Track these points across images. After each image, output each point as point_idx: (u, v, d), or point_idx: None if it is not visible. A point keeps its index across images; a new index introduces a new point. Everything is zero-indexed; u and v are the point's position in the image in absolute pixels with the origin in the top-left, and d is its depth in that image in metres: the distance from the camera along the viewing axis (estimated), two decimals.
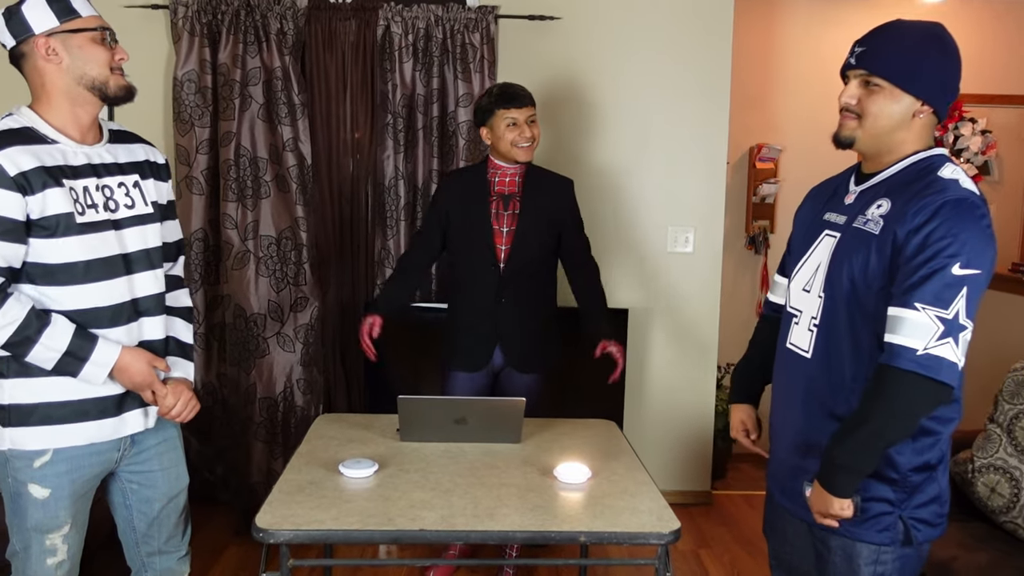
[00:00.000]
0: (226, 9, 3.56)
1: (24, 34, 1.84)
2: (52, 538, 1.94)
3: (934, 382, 1.56)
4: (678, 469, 4.07)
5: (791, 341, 1.85)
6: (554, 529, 1.89)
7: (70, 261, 1.85)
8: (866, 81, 1.73)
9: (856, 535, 1.73)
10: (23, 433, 1.88)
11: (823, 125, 4.76)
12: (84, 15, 1.88)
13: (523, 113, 2.90)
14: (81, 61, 1.87)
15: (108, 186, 1.94)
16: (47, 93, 1.89)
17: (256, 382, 3.68)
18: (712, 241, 3.96)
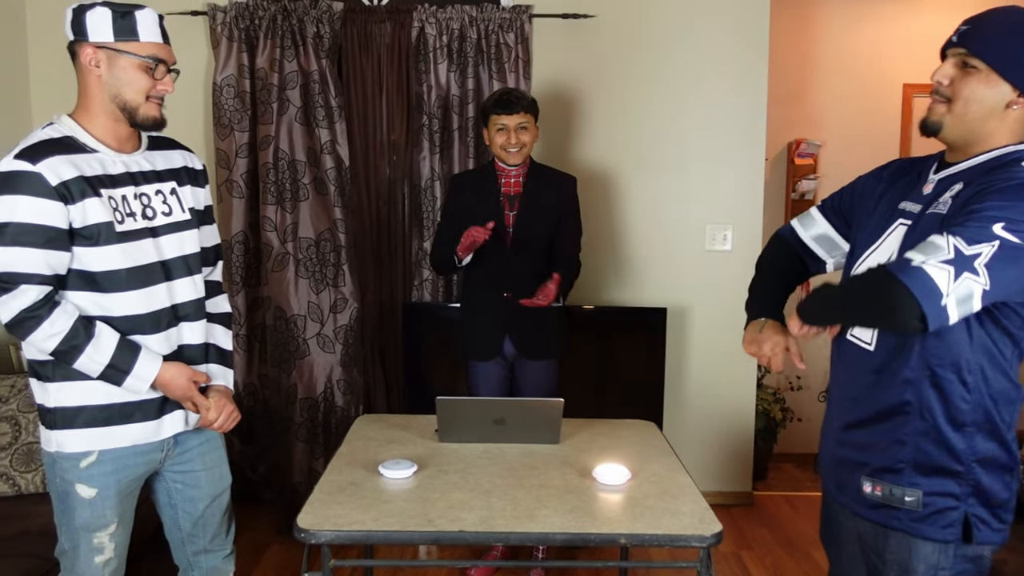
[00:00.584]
0: (263, 14, 3.59)
1: (79, 36, 1.88)
2: (99, 536, 1.97)
3: (907, 292, 1.44)
4: (718, 469, 4.04)
5: (852, 333, 1.77)
6: (594, 531, 1.88)
7: (111, 269, 1.88)
8: (964, 62, 1.60)
9: (918, 531, 1.66)
10: (69, 435, 1.92)
11: (864, 119, 4.76)
12: (142, 40, 1.88)
13: (513, 119, 2.99)
14: (119, 81, 1.89)
15: (146, 194, 1.96)
16: (88, 100, 1.92)
17: (297, 383, 3.72)
18: (751, 238, 3.91)
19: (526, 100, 3.03)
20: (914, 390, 1.65)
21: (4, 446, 2.73)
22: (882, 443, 1.69)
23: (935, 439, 1.63)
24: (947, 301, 1.44)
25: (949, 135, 1.64)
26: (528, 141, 3.04)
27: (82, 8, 1.87)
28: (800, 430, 4.68)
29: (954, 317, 1.47)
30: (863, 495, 1.72)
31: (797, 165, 4.73)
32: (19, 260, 1.79)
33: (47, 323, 1.80)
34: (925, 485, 1.64)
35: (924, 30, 4.63)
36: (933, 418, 1.62)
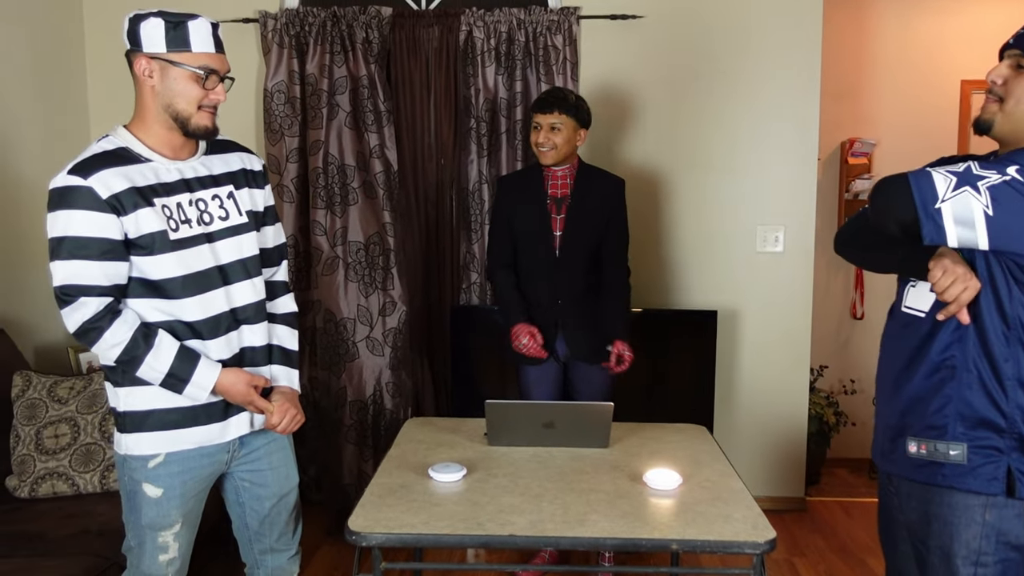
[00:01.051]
0: (313, 21, 3.63)
1: (134, 46, 1.91)
2: (164, 536, 2.01)
3: (906, 186, 1.57)
4: (770, 474, 3.97)
5: (907, 304, 1.81)
6: (645, 536, 1.86)
7: (168, 276, 1.91)
8: (1018, 63, 1.67)
9: (963, 484, 1.69)
10: (137, 439, 1.96)
11: (920, 116, 4.65)
12: (194, 51, 1.90)
13: (545, 118, 2.97)
14: (172, 92, 1.91)
15: (202, 199, 1.99)
16: (143, 110, 1.95)
17: (346, 385, 3.75)
18: (803, 240, 3.85)
19: (564, 101, 2.98)
20: (960, 346, 1.69)
21: (64, 447, 2.79)
22: (928, 401, 1.73)
23: (980, 392, 1.67)
24: (942, 206, 1.54)
25: (1000, 132, 1.70)
26: (560, 142, 2.98)
27: (137, 18, 1.90)
28: (854, 434, 4.59)
29: (950, 223, 1.55)
30: (909, 456, 1.75)
31: (851, 164, 4.64)
32: (77, 273, 1.83)
33: (108, 333, 1.83)
34: (969, 438, 1.68)
35: (983, 24, 4.51)
36: (978, 371, 1.67)
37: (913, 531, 1.80)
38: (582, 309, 3.08)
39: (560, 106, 2.96)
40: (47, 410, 2.83)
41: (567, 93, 3.03)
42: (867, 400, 4.59)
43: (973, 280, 1.63)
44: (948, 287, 1.63)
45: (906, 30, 4.60)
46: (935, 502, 1.73)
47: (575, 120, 3.00)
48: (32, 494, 2.75)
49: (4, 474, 2.79)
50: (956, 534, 1.70)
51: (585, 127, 3.05)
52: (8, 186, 3.31)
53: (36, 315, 3.46)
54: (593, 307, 3.10)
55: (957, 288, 1.63)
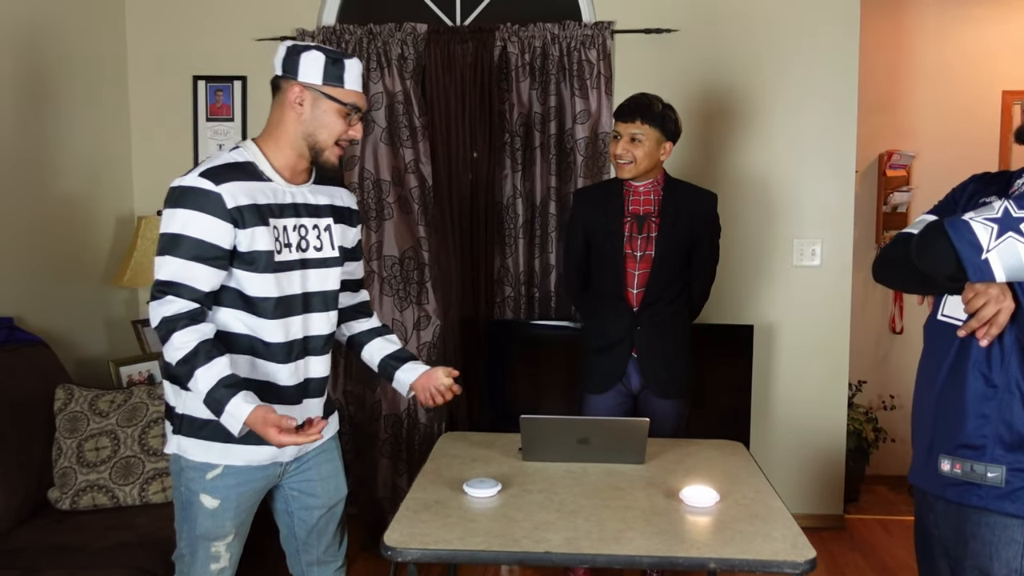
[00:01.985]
0: (349, 38, 3.68)
1: (288, 73, 1.96)
2: (217, 546, 2.04)
3: (948, 242, 1.56)
4: (808, 491, 3.92)
5: (944, 313, 1.77)
6: (682, 555, 1.83)
7: (264, 296, 1.95)
8: None
9: (999, 507, 1.65)
10: (191, 443, 1.99)
11: (959, 129, 4.58)
12: (347, 88, 1.97)
13: (626, 128, 2.72)
14: (318, 123, 1.97)
15: (304, 226, 2.03)
16: (279, 132, 2.00)
17: (381, 399, 3.77)
18: (841, 253, 3.80)
19: (648, 109, 2.71)
20: (1003, 364, 1.65)
21: (104, 459, 2.83)
22: (964, 419, 1.68)
23: (1021, 414, 1.63)
24: (989, 256, 1.53)
25: None
26: (640, 155, 2.71)
27: (297, 48, 1.96)
28: (894, 451, 4.51)
29: (1001, 274, 1.54)
30: (941, 474, 1.71)
31: (889, 177, 4.58)
32: (181, 272, 1.86)
33: (177, 336, 1.84)
34: (1008, 461, 1.64)
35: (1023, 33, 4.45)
36: (1020, 392, 1.63)
37: (949, 550, 1.77)
38: (662, 338, 2.86)
39: (643, 115, 2.70)
40: (88, 423, 2.87)
41: (653, 100, 2.74)
42: (907, 416, 4.48)
43: (1007, 300, 1.60)
44: (980, 308, 1.61)
45: (945, 40, 4.54)
46: (971, 521, 1.69)
47: (660, 131, 2.73)
48: (73, 506, 2.79)
49: (46, 486, 2.84)
50: (995, 554, 1.66)
51: (671, 140, 2.78)
52: (53, 203, 3.38)
53: (78, 329, 3.53)
54: (673, 336, 2.90)
55: (990, 310, 1.61)
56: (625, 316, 2.85)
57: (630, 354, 2.86)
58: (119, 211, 3.85)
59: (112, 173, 3.81)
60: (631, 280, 2.83)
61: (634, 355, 2.86)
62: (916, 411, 1.87)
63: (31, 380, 2.89)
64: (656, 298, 2.83)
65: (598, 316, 2.94)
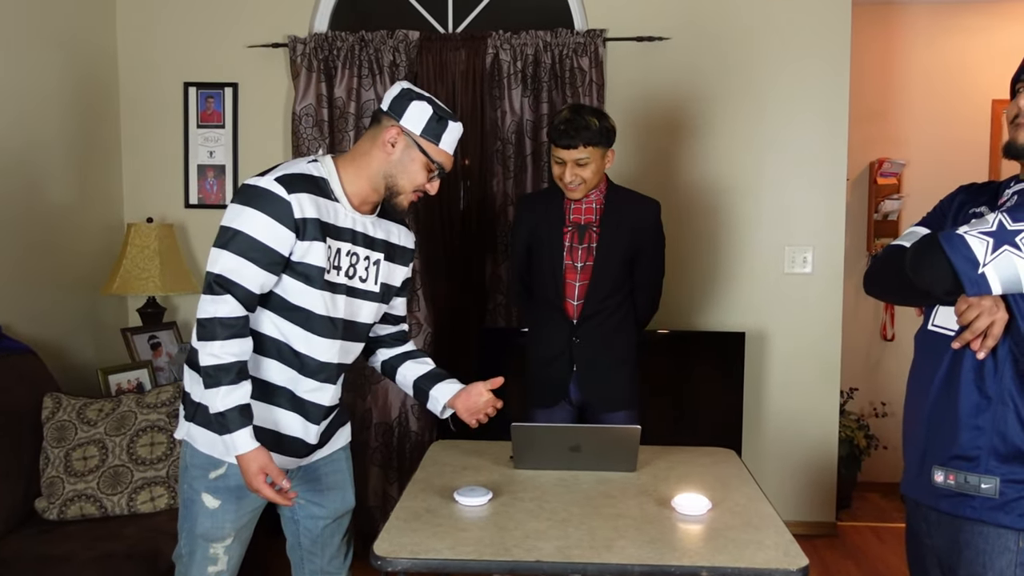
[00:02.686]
0: (341, 45, 3.67)
1: (393, 112, 1.97)
2: (215, 547, 2.04)
3: (944, 257, 1.57)
4: (800, 499, 3.91)
5: (935, 323, 1.77)
6: (674, 563, 1.82)
7: (308, 309, 1.95)
8: None
9: (993, 519, 1.65)
10: (200, 432, 1.99)
11: (949, 137, 4.60)
12: (441, 147, 1.99)
13: (570, 154, 2.60)
14: (402, 168, 1.99)
15: (356, 254, 2.03)
16: (363, 163, 2.01)
17: (371, 408, 3.75)
18: (832, 261, 3.81)
19: (589, 131, 2.58)
20: (996, 375, 1.65)
21: (92, 469, 2.81)
22: (958, 430, 1.68)
23: (1016, 426, 1.63)
24: (985, 270, 1.54)
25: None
26: (589, 176, 2.64)
27: (411, 94, 1.97)
28: (886, 458, 4.51)
29: (997, 287, 1.55)
30: (934, 485, 1.72)
31: (880, 185, 4.60)
32: (239, 271, 1.85)
33: (219, 343, 1.84)
34: (1002, 472, 1.64)
35: (1013, 43, 4.47)
36: (1015, 404, 1.63)
37: (942, 559, 1.76)
38: (601, 350, 2.79)
39: (584, 138, 2.58)
40: (76, 432, 2.85)
41: (588, 119, 2.59)
42: (898, 423, 4.47)
43: (1000, 312, 1.60)
44: (974, 320, 1.61)
45: (935, 50, 4.57)
46: (965, 531, 1.69)
47: (602, 147, 2.64)
48: (61, 516, 2.76)
49: (34, 496, 2.81)
50: (989, 563, 1.65)
51: (611, 147, 2.69)
52: (42, 210, 3.36)
53: (67, 337, 3.50)
54: (613, 347, 2.81)
55: (983, 322, 1.61)
56: (564, 328, 2.80)
57: (571, 368, 2.81)
58: (108, 218, 3.83)
59: (102, 180, 3.80)
60: (571, 291, 2.77)
61: (574, 368, 2.81)
62: (908, 421, 1.86)
63: (19, 389, 2.87)
64: (596, 310, 2.77)
65: (539, 326, 2.89)
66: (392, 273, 2.16)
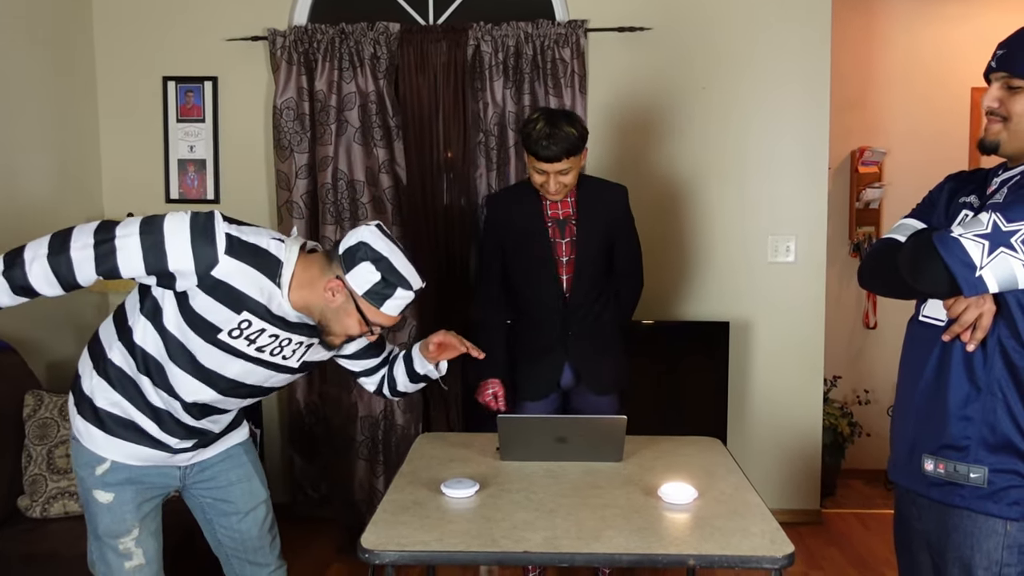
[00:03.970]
0: (321, 37, 3.65)
1: (343, 265, 1.86)
2: (124, 542, 2.00)
3: (941, 262, 1.57)
4: (785, 486, 3.94)
5: (924, 314, 1.79)
6: (661, 552, 1.83)
7: (189, 349, 1.88)
8: (1008, 84, 1.68)
9: (981, 507, 1.67)
10: (84, 427, 1.96)
11: (930, 126, 4.63)
12: (382, 311, 1.88)
13: (552, 167, 2.63)
14: (336, 317, 1.89)
15: (289, 339, 1.94)
16: (310, 293, 1.89)
17: (357, 401, 3.74)
18: (815, 250, 3.83)
19: (569, 142, 2.60)
20: (986, 366, 1.66)
21: None
22: (948, 419, 1.70)
23: (1005, 416, 1.65)
24: (983, 273, 1.55)
25: (1008, 150, 1.71)
26: (571, 180, 2.68)
27: (364, 253, 1.85)
28: (869, 445, 4.54)
29: (995, 288, 1.56)
30: (925, 473, 1.73)
31: (861, 173, 4.62)
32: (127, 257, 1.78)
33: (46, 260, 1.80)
34: (991, 462, 1.66)
35: (992, 30, 4.46)
36: (1003, 395, 1.65)
37: (932, 543, 1.78)
38: (594, 337, 2.86)
39: (566, 151, 2.60)
40: (58, 429, 2.83)
41: (567, 130, 2.60)
42: (882, 411, 4.55)
43: (988, 303, 1.62)
44: (962, 313, 1.63)
45: (915, 38, 4.59)
46: (954, 515, 1.71)
47: (580, 153, 2.68)
48: (44, 514, 2.74)
49: (16, 494, 2.79)
50: (977, 546, 1.67)
51: (586, 145, 2.73)
52: (21, 205, 3.32)
53: (47, 334, 3.47)
54: (604, 334, 2.89)
55: (971, 314, 1.63)
56: (557, 322, 2.83)
57: (564, 360, 2.85)
58: (88, 213, 3.80)
59: (81, 175, 3.76)
60: (561, 285, 2.82)
61: (568, 358, 2.85)
62: (898, 409, 1.88)
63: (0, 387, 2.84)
64: (583, 300, 2.82)
65: (528, 322, 2.89)
66: (320, 354, 2.08)
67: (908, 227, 1.84)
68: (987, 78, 1.74)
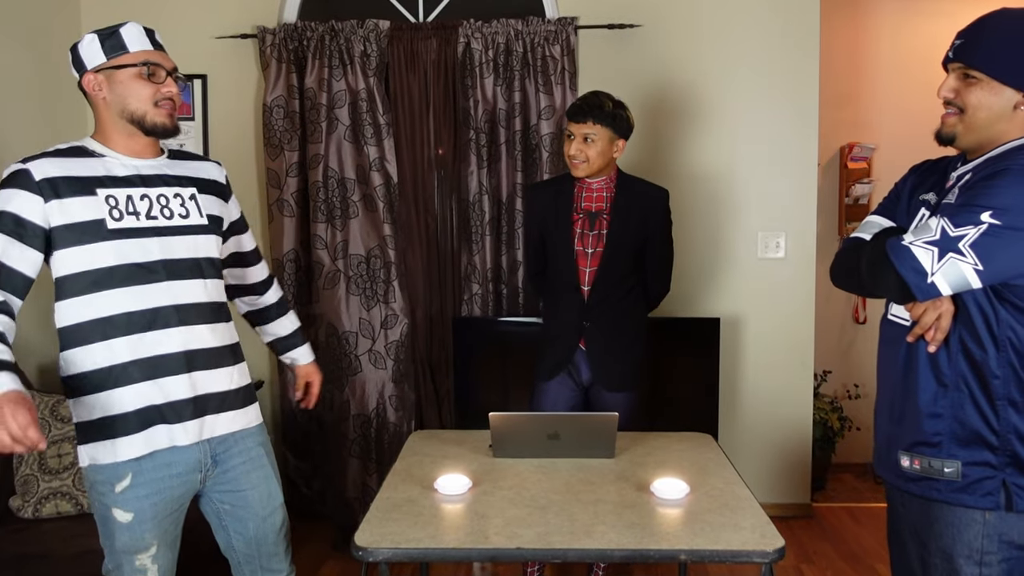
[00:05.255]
0: (311, 35, 3.64)
1: (79, 69, 1.95)
2: (141, 559, 1.96)
3: (893, 270, 1.62)
4: (776, 481, 3.96)
5: (892, 313, 1.83)
6: (653, 547, 1.84)
7: (102, 266, 1.88)
8: (964, 74, 1.70)
9: (958, 500, 1.70)
10: (92, 448, 1.92)
11: (918, 120, 4.63)
12: (131, 51, 1.93)
13: (579, 128, 2.72)
14: (122, 96, 1.93)
15: (163, 195, 1.97)
16: (102, 124, 1.97)
17: (349, 399, 3.74)
18: (805, 246, 3.85)
19: (600, 109, 2.70)
20: (950, 364, 1.70)
21: (67, 466, 2.79)
22: (920, 416, 1.73)
23: (972, 411, 1.68)
24: (934, 279, 1.60)
25: (963, 142, 1.73)
26: (593, 155, 2.72)
27: (75, 45, 1.95)
28: (859, 439, 4.57)
29: (947, 291, 1.61)
30: (902, 469, 1.78)
31: (850, 169, 4.64)
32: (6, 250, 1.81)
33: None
34: (963, 456, 1.69)
35: None
36: (969, 390, 1.68)
37: (915, 533, 1.81)
38: (611, 332, 2.86)
39: (595, 115, 2.70)
40: (50, 430, 2.82)
41: (604, 100, 2.73)
42: (871, 404, 4.53)
43: (946, 304, 1.66)
44: (921, 315, 1.68)
45: (903, 34, 4.61)
46: (935, 508, 1.74)
47: (612, 130, 2.73)
48: (36, 514, 2.74)
49: (7, 495, 2.79)
50: (958, 535, 1.70)
51: (624, 137, 2.79)
52: None
53: (38, 334, 3.46)
54: (623, 331, 2.89)
55: (930, 316, 1.67)
56: (575, 309, 2.86)
57: (577, 345, 2.87)
58: None
59: None
60: (582, 276, 2.84)
61: (582, 347, 2.87)
62: (877, 405, 1.92)
63: None
64: (606, 294, 2.84)
65: (552, 306, 2.97)
66: (220, 206, 2.11)
67: (874, 224, 1.88)
68: (945, 67, 1.76)
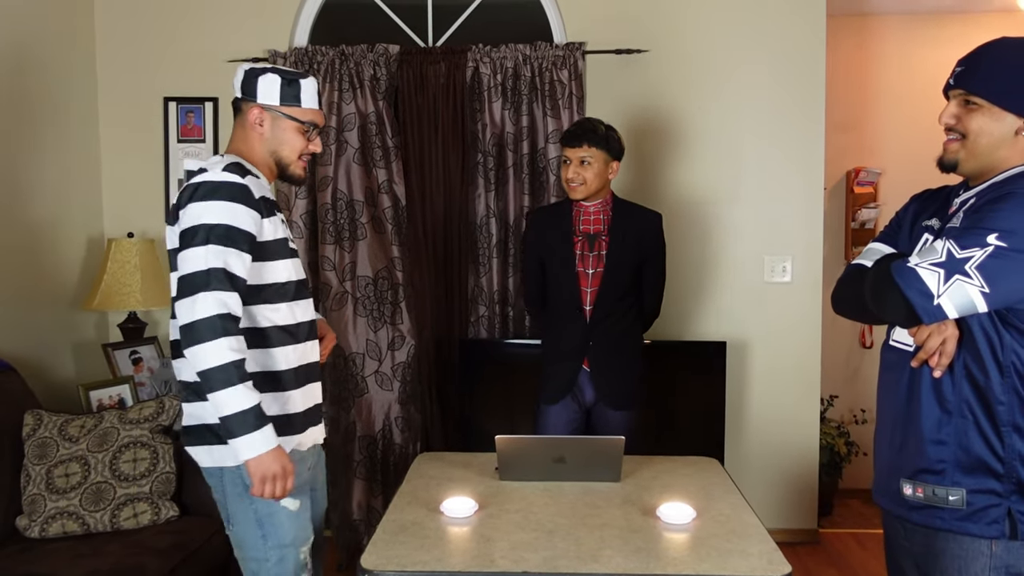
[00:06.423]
0: (322, 59, 3.68)
1: (247, 96, 2.03)
2: (303, 551, 2.06)
3: (899, 292, 1.61)
4: (782, 506, 3.94)
5: (894, 339, 1.83)
6: (659, 572, 1.84)
7: (285, 280, 2.03)
8: (965, 100, 1.71)
9: (963, 528, 1.68)
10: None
11: (924, 146, 4.65)
12: (303, 107, 2.06)
13: (575, 152, 2.85)
14: (278, 140, 2.06)
15: (284, 219, 2.12)
16: (246, 149, 2.07)
17: (356, 420, 3.74)
18: (811, 270, 3.85)
19: (593, 133, 2.85)
20: (954, 390, 1.69)
21: (74, 486, 2.79)
22: (923, 443, 1.72)
23: (977, 437, 1.67)
24: (940, 301, 1.58)
25: (966, 168, 1.75)
26: (590, 177, 2.85)
27: (254, 72, 2.03)
28: (866, 464, 4.52)
29: (953, 314, 1.60)
30: (904, 497, 1.75)
31: (857, 194, 4.66)
32: (231, 262, 1.87)
33: (233, 339, 1.82)
34: (968, 484, 1.67)
35: None
36: (974, 416, 1.66)
37: (919, 563, 1.79)
38: (614, 351, 2.95)
39: (589, 138, 2.84)
40: (58, 449, 2.83)
41: (596, 124, 2.88)
42: None
43: (950, 329, 1.65)
44: (925, 340, 1.67)
45: (908, 60, 4.64)
46: (940, 538, 1.72)
47: (606, 152, 2.87)
48: (43, 534, 2.74)
49: (15, 514, 2.79)
50: (964, 567, 1.68)
51: (617, 159, 2.92)
52: (22, 226, 3.34)
53: (47, 354, 3.48)
54: (624, 350, 2.99)
55: (935, 341, 1.66)
56: (579, 330, 2.94)
57: (581, 366, 2.95)
58: (89, 234, 3.81)
59: (82, 195, 3.78)
60: (584, 297, 2.93)
61: (586, 367, 2.94)
62: (877, 433, 1.90)
63: None
64: (607, 313, 2.93)
65: (554, 329, 3.03)
66: None
67: (876, 252, 1.87)
68: (946, 95, 1.77)
